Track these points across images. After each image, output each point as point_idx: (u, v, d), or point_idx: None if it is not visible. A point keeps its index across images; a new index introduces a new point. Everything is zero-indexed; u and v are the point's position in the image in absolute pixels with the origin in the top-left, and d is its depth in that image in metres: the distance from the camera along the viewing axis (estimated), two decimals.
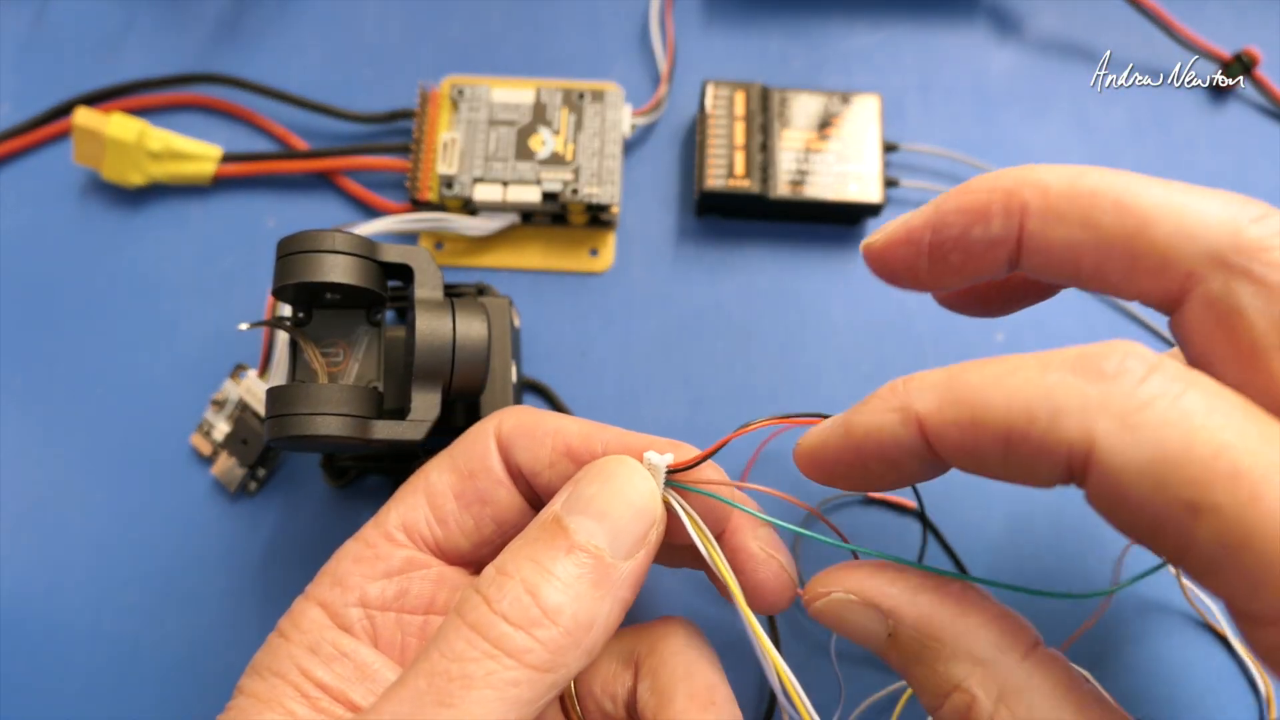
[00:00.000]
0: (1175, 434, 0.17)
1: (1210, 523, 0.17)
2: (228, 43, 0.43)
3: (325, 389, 0.28)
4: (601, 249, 0.40)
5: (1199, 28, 0.42)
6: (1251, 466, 0.17)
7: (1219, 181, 0.41)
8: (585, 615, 0.21)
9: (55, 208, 0.40)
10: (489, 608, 0.21)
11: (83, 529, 0.36)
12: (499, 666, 0.20)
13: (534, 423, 0.26)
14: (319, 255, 0.28)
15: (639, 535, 0.23)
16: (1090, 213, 0.21)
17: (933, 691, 0.21)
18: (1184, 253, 0.20)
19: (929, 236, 0.24)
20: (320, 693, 0.24)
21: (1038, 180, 0.22)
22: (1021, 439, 0.19)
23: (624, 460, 0.24)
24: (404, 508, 0.26)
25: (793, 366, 0.38)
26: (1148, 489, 0.17)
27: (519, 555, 0.22)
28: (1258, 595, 0.17)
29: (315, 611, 0.25)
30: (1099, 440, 0.18)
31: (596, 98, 0.39)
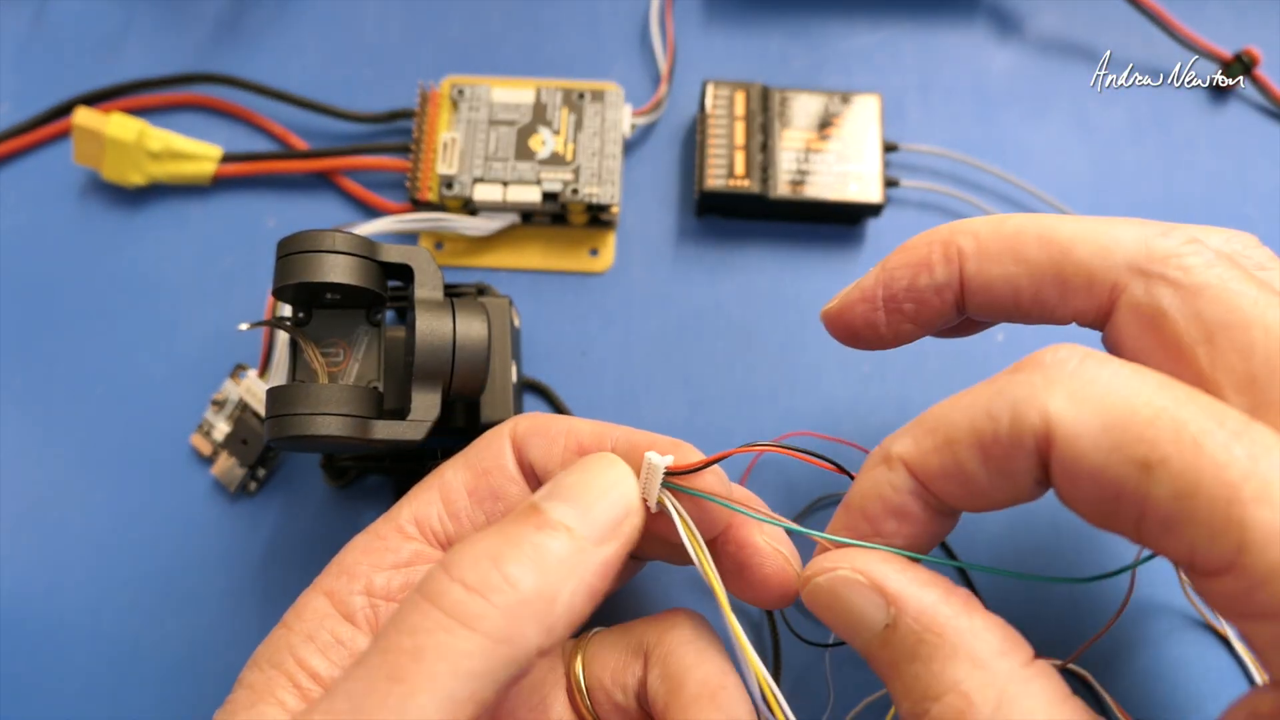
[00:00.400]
0: (1118, 400, 0.19)
1: (1162, 475, 0.18)
2: (228, 43, 0.43)
3: (325, 389, 0.28)
4: (601, 249, 0.40)
5: (1199, 28, 0.42)
6: (1188, 420, 0.19)
7: (1219, 181, 0.41)
8: (548, 588, 0.21)
9: (55, 208, 0.40)
10: (447, 575, 0.21)
11: (83, 529, 0.36)
12: (451, 638, 0.20)
13: (547, 423, 0.27)
14: (319, 255, 0.28)
15: (612, 522, 0.23)
16: (1018, 248, 0.24)
17: (922, 693, 0.20)
18: (1105, 267, 0.23)
19: (881, 292, 0.27)
20: (313, 683, 0.24)
21: (968, 229, 0.25)
22: (992, 441, 0.21)
23: (606, 455, 0.24)
24: (417, 503, 0.27)
25: (793, 366, 0.38)
26: (1103, 454, 0.19)
27: (488, 532, 0.22)
28: (1213, 541, 0.18)
29: (319, 601, 0.25)
30: (1054, 417, 0.20)
31: (596, 98, 0.39)
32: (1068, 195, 0.40)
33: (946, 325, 0.27)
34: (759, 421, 0.38)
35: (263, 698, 0.23)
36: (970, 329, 0.30)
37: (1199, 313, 0.21)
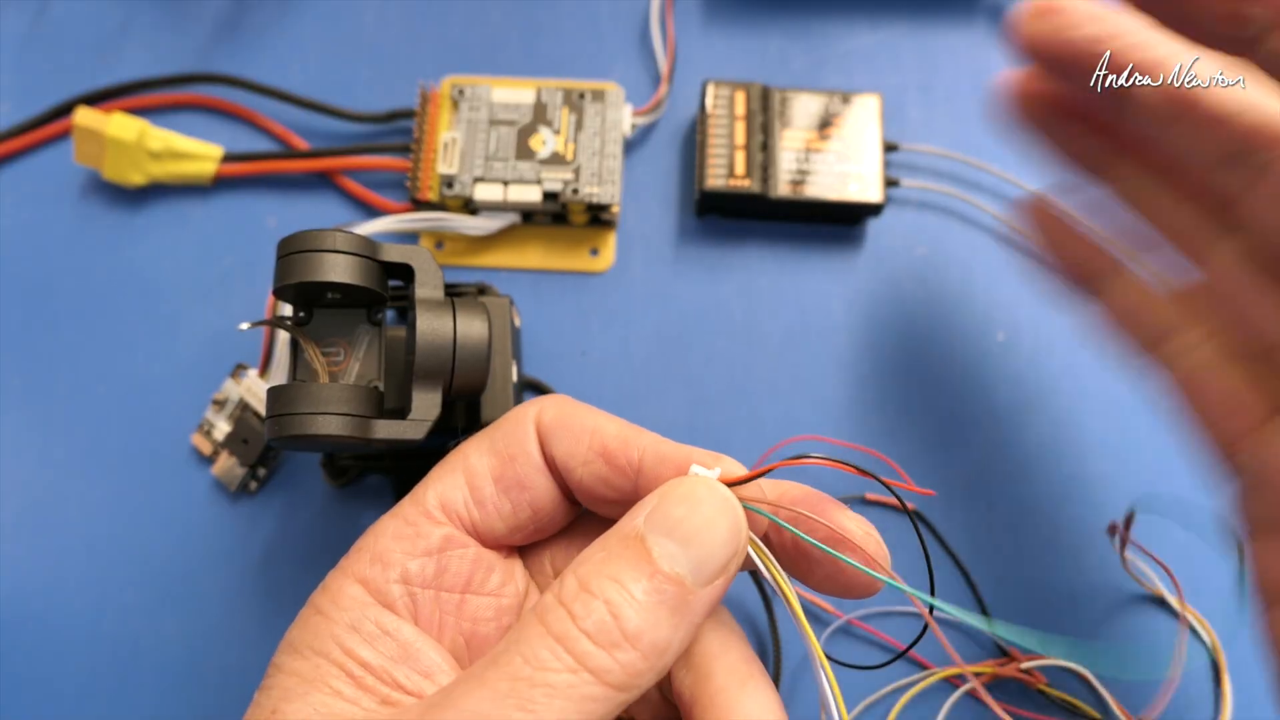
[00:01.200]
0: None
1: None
2: (228, 43, 0.43)
3: (326, 388, 0.28)
4: (602, 249, 0.40)
5: None
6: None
7: None
8: (662, 640, 0.22)
9: (55, 208, 0.40)
10: (574, 623, 0.21)
11: (83, 529, 0.36)
12: (579, 680, 0.21)
13: (572, 416, 0.27)
14: (320, 255, 0.28)
15: (722, 563, 0.23)
16: None
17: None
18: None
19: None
20: (364, 672, 0.24)
21: None
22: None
23: (713, 486, 0.24)
24: (443, 486, 0.27)
25: (793, 366, 0.38)
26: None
27: (601, 571, 0.22)
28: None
29: (355, 588, 0.25)
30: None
31: (597, 98, 0.39)
32: None
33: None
34: (759, 421, 0.38)
35: (316, 686, 0.23)
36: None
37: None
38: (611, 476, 0.26)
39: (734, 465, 0.25)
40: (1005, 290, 0.39)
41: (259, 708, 0.23)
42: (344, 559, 0.26)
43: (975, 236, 0.40)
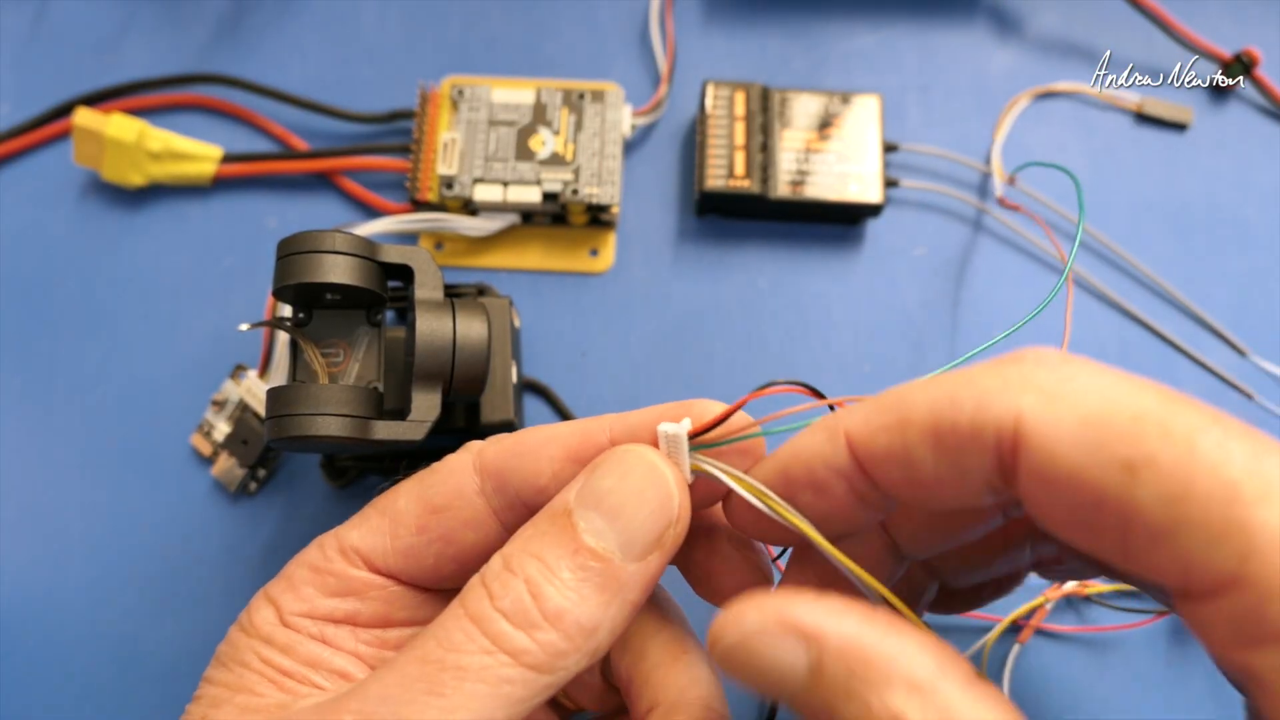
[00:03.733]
0: (1099, 399, 0.17)
1: (1149, 477, 0.16)
2: (228, 43, 0.43)
3: (326, 389, 0.28)
4: (601, 249, 0.40)
5: (1199, 28, 0.42)
6: (1178, 416, 0.17)
7: (1219, 181, 0.41)
8: (588, 620, 0.21)
9: (55, 208, 0.40)
10: (490, 602, 0.21)
11: (83, 529, 0.36)
12: (494, 662, 0.20)
13: (518, 441, 0.25)
14: (319, 255, 0.28)
15: (654, 536, 0.21)
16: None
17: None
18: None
19: None
20: (283, 677, 0.24)
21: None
22: (950, 429, 0.19)
23: (642, 451, 0.22)
24: (365, 531, 0.25)
25: (793, 367, 0.38)
26: (1081, 454, 0.17)
27: (525, 550, 0.21)
28: (1211, 550, 0.16)
29: (268, 611, 0.25)
30: (1026, 413, 0.17)
31: (596, 98, 0.39)
32: (1068, 196, 0.40)
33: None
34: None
35: (241, 689, 0.24)
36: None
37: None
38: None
39: (707, 408, 0.23)
40: (1005, 290, 0.39)
41: (189, 716, 0.24)
42: (271, 580, 0.26)
43: (975, 236, 0.40)
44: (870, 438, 0.20)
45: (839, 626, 0.18)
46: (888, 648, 0.18)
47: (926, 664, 0.18)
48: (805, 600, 0.19)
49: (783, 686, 0.19)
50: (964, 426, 0.18)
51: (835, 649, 0.18)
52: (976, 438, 0.18)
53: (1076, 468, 0.17)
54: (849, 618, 0.18)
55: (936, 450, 0.19)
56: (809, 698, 0.18)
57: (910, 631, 0.18)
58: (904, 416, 0.19)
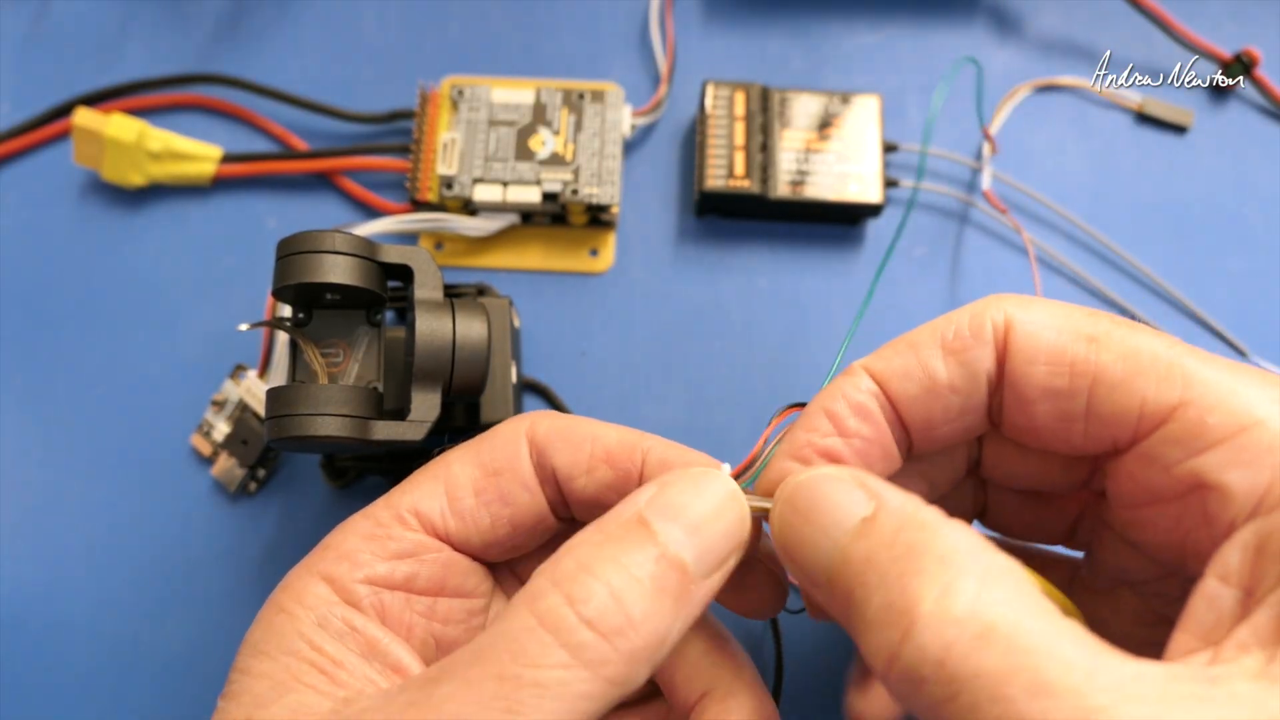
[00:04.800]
0: (1058, 306, 0.23)
1: (1108, 344, 0.22)
2: (228, 43, 0.43)
3: (325, 389, 0.28)
4: (601, 249, 0.40)
5: (1199, 28, 0.42)
6: (1118, 319, 0.22)
7: (1219, 181, 0.41)
8: (663, 629, 0.20)
9: (55, 208, 0.40)
10: (571, 608, 0.20)
11: (83, 529, 0.36)
12: (572, 677, 0.19)
13: (569, 426, 0.26)
14: (319, 255, 0.28)
15: (724, 555, 0.22)
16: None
17: (899, 571, 0.19)
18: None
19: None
20: (337, 668, 0.23)
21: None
22: (955, 334, 0.23)
23: (719, 474, 0.23)
24: (420, 493, 0.26)
25: (793, 366, 0.38)
26: (1055, 334, 0.22)
27: (602, 554, 0.21)
28: (1160, 385, 0.21)
29: (321, 586, 0.24)
30: (1011, 311, 0.23)
31: (596, 98, 0.39)
32: (1068, 196, 0.40)
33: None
34: (759, 422, 0.38)
35: (291, 686, 0.22)
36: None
37: None
38: (617, 482, 0.25)
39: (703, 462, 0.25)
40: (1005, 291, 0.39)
41: (226, 715, 0.22)
42: (308, 557, 0.25)
43: (975, 237, 0.40)
44: (888, 362, 0.24)
45: (900, 495, 0.21)
46: (938, 518, 0.20)
47: (969, 537, 0.20)
48: (877, 478, 0.22)
49: (833, 533, 0.21)
50: (965, 330, 0.23)
51: (894, 506, 0.20)
52: (977, 334, 0.23)
53: (1052, 341, 0.22)
54: (909, 496, 0.21)
55: (946, 355, 0.23)
56: (857, 542, 0.20)
57: (955, 520, 0.20)
58: (913, 341, 0.24)
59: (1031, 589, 0.18)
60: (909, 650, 0.18)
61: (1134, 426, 0.21)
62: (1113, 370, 0.21)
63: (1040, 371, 0.22)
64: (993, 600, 0.18)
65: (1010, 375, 0.23)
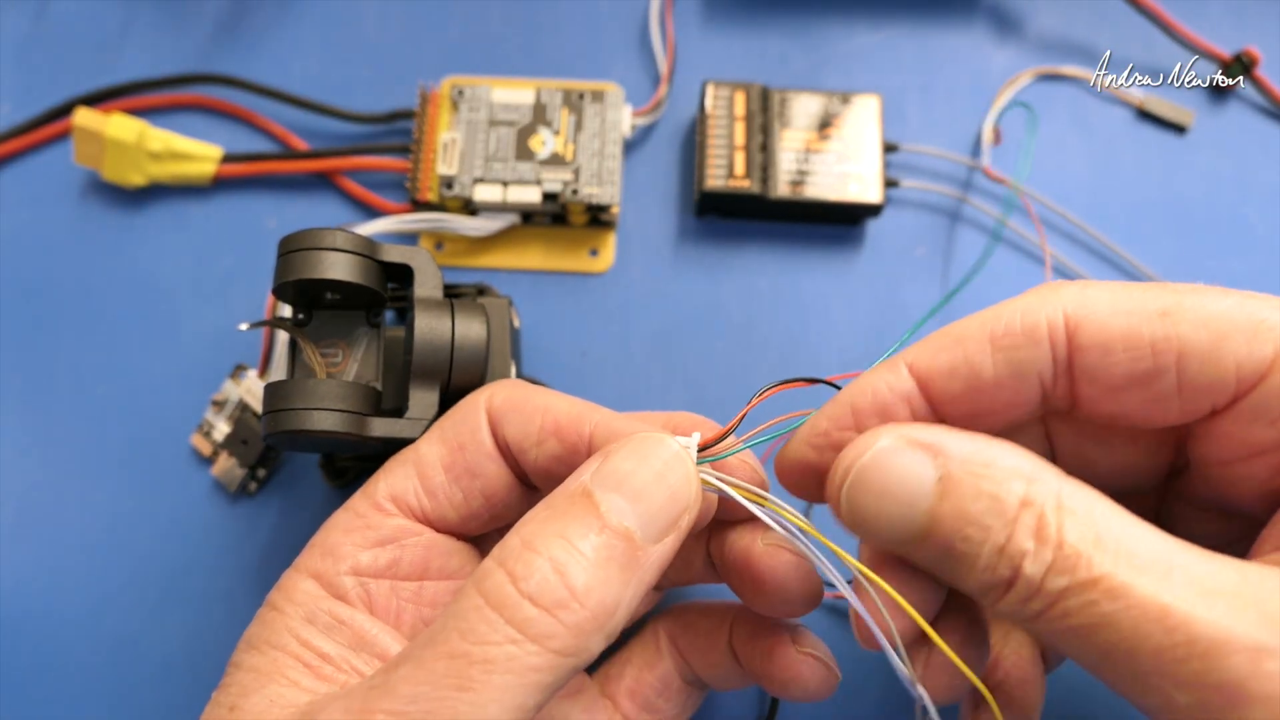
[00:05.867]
0: (1117, 286, 0.22)
1: (1184, 315, 0.21)
2: (228, 43, 0.43)
3: (323, 384, 0.28)
4: (601, 249, 0.40)
5: (1199, 28, 0.42)
6: (1186, 286, 0.22)
7: (1219, 181, 0.41)
8: (611, 599, 0.21)
9: (55, 208, 0.40)
10: (514, 585, 0.20)
11: (83, 529, 0.36)
12: (521, 651, 0.20)
13: (523, 398, 0.26)
14: (320, 253, 0.28)
15: (672, 519, 0.22)
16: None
17: (1000, 521, 0.20)
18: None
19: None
20: (322, 662, 0.24)
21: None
22: (1004, 332, 0.22)
23: (662, 439, 0.23)
24: (393, 479, 0.26)
25: (793, 366, 0.38)
26: (1125, 318, 0.21)
27: (546, 529, 0.21)
28: (1251, 346, 0.20)
29: (308, 583, 0.25)
30: (1070, 306, 0.22)
31: (596, 98, 0.39)
32: (1067, 196, 0.40)
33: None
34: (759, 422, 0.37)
35: (273, 678, 0.23)
36: None
37: None
38: (565, 455, 0.25)
39: (699, 422, 0.26)
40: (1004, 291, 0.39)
41: (217, 706, 0.23)
42: (298, 557, 0.26)
43: (975, 237, 0.40)
44: (930, 358, 0.23)
45: (959, 441, 0.21)
46: (1002, 452, 0.20)
47: (1034, 462, 0.20)
48: (924, 425, 0.22)
49: (914, 501, 0.21)
50: (1016, 327, 0.22)
51: (959, 457, 0.20)
52: (1030, 333, 0.22)
53: (1125, 327, 0.21)
54: (964, 436, 0.21)
55: (995, 353, 0.22)
56: (941, 503, 0.20)
57: (1009, 443, 0.21)
58: (960, 336, 0.23)
59: (1101, 499, 0.20)
60: (1020, 583, 0.19)
61: (1233, 389, 0.21)
62: (1196, 340, 0.21)
63: (1121, 360, 0.21)
64: (1071, 524, 0.19)
65: (1088, 370, 0.22)
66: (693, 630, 0.29)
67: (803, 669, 0.26)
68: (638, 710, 0.29)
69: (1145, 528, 0.19)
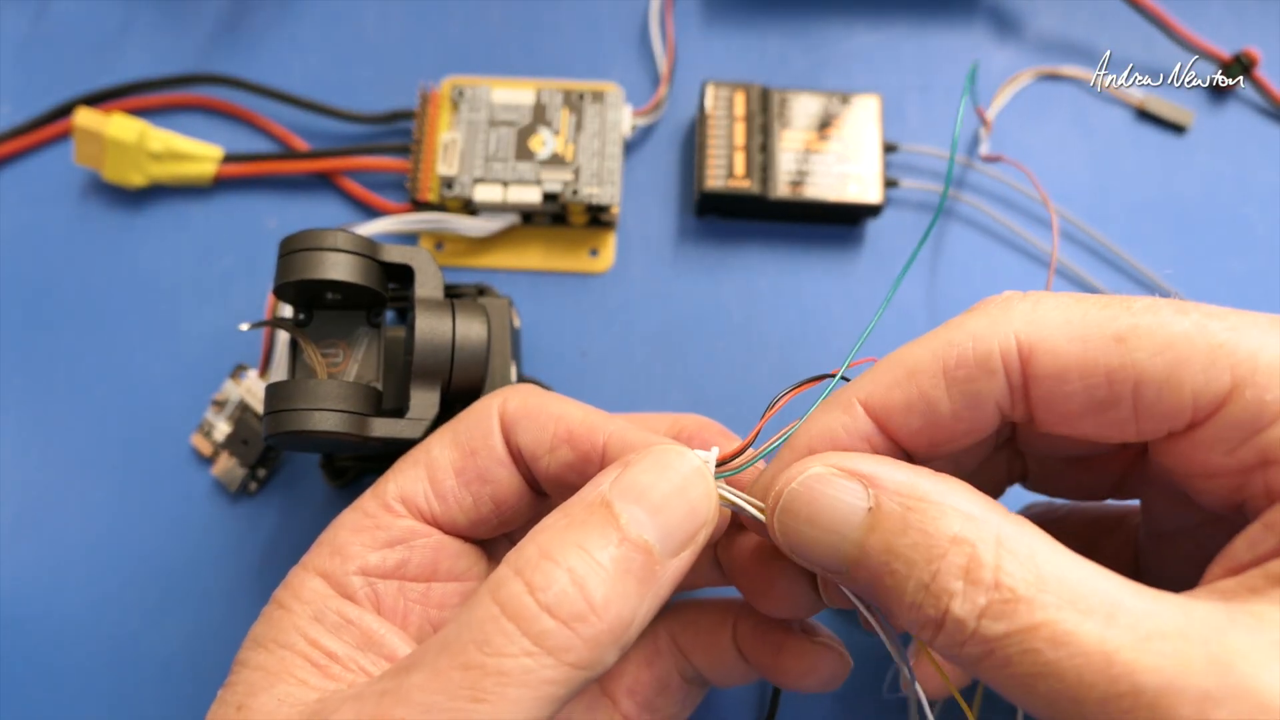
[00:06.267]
0: (1073, 307, 0.21)
1: (1140, 340, 0.20)
2: (228, 43, 0.43)
3: (324, 384, 0.28)
4: (601, 249, 0.40)
5: (1199, 28, 0.42)
6: (1138, 300, 0.21)
7: (1218, 181, 0.41)
8: (628, 612, 0.20)
9: (56, 208, 0.40)
10: (532, 596, 0.20)
11: (83, 529, 0.36)
12: (536, 664, 0.19)
13: (538, 405, 0.26)
14: (321, 253, 0.28)
15: (690, 534, 0.22)
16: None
17: (924, 558, 0.19)
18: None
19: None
20: (330, 661, 0.23)
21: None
22: (957, 363, 0.21)
23: (683, 452, 0.23)
24: (403, 479, 0.26)
25: (793, 366, 0.38)
26: (1081, 345, 0.20)
27: (564, 539, 0.21)
28: (1208, 375, 0.19)
29: (316, 581, 0.25)
30: (1022, 331, 0.21)
31: (596, 98, 0.39)
32: (1067, 196, 0.40)
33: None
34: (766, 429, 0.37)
35: (281, 678, 0.23)
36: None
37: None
38: (577, 463, 0.25)
39: (717, 434, 0.26)
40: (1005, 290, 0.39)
41: (224, 705, 0.23)
42: (306, 555, 0.26)
43: (975, 237, 0.40)
44: (885, 395, 0.22)
45: (894, 473, 0.20)
46: (939, 488, 0.20)
47: (976, 501, 0.20)
48: (862, 454, 0.22)
49: (840, 529, 0.21)
50: (969, 358, 0.21)
51: (892, 489, 0.20)
52: (984, 364, 0.21)
53: (1080, 354, 0.20)
54: (902, 468, 0.21)
55: (950, 387, 0.21)
56: (867, 537, 0.20)
57: (956, 481, 0.21)
58: (911, 369, 0.22)
59: (1043, 539, 0.19)
60: (949, 624, 0.19)
61: (1188, 417, 0.20)
62: (1152, 368, 0.20)
63: (1076, 389, 0.21)
64: (1012, 567, 0.19)
65: (1044, 398, 0.21)
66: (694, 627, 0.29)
67: (817, 659, 0.26)
68: (637, 709, 0.29)
69: (1089, 568, 0.19)
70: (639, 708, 0.29)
